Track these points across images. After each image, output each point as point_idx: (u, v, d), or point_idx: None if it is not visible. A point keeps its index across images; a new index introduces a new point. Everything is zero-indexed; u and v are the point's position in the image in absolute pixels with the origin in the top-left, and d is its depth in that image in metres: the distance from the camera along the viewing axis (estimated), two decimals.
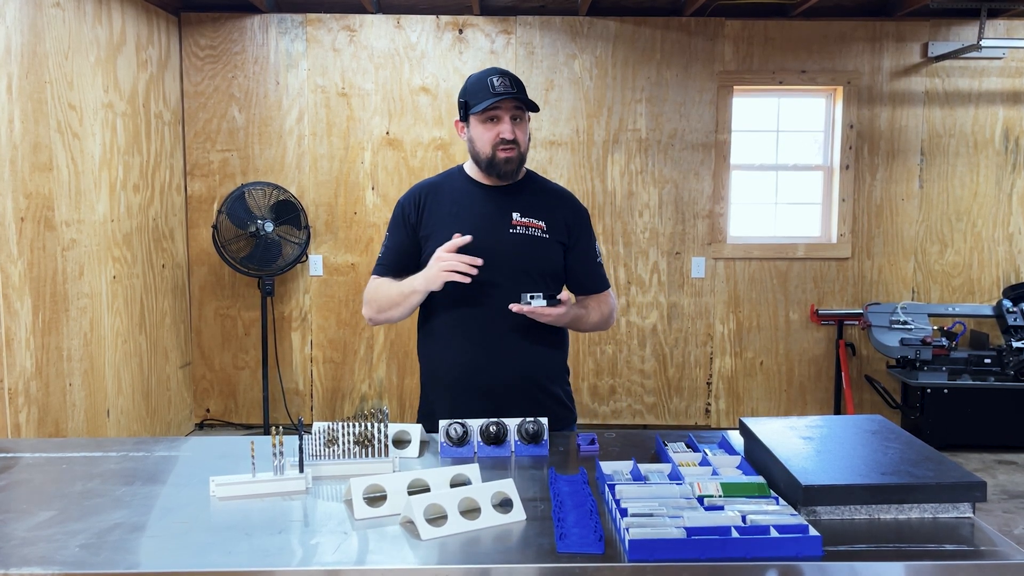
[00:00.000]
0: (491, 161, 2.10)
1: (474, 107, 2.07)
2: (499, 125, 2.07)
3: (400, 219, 2.19)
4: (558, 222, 2.17)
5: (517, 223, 2.13)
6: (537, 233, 2.14)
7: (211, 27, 4.91)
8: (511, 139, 2.07)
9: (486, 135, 2.09)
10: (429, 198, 2.17)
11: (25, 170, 3.31)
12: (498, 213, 2.13)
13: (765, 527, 1.33)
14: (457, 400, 2.12)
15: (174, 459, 1.81)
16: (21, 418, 3.27)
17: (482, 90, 2.06)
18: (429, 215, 2.16)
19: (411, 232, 2.17)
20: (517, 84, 2.08)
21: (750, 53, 4.98)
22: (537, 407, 2.09)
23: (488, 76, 2.07)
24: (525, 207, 2.15)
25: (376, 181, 5.00)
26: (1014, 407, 4.66)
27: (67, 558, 1.29)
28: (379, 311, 2.20)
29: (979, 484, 1.44)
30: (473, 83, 2.10)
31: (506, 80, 2.06)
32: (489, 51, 4.94)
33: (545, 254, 2.14)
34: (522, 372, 2.12)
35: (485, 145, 2.09)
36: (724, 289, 5.12)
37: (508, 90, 2.05)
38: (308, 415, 5.12)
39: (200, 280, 5.06)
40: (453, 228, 2.09)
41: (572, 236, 2.19)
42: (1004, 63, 4.97)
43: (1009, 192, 5.07)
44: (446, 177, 2.24)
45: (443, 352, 2.17)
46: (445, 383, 2.17)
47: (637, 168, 5.03)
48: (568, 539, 1.34)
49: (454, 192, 2.18)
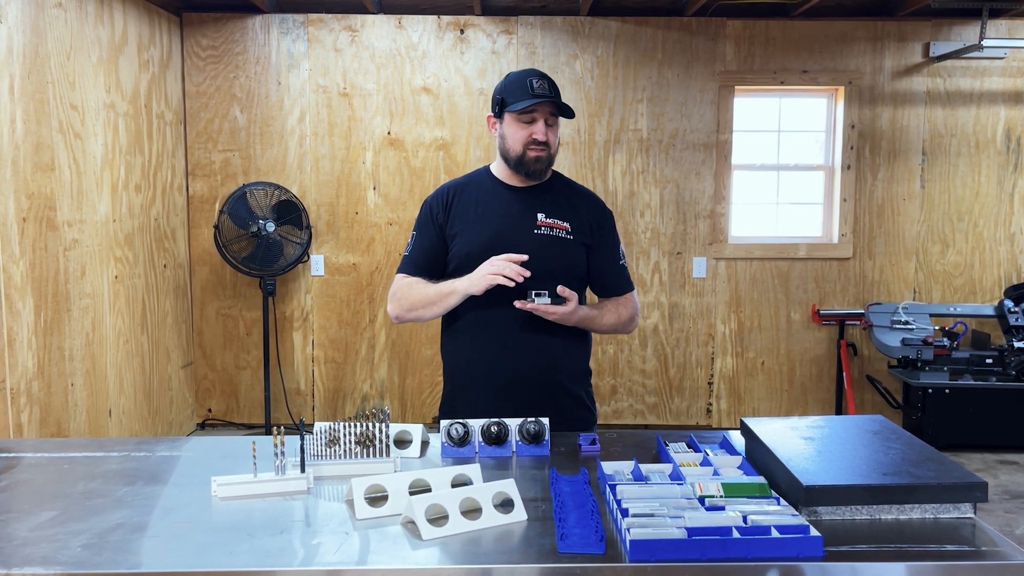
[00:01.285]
0: (521, 159, 2.12)
1: (511, 104, 2.09)
2: (533, 126, 2.10)
3: (428, 219, 2.20)
4: (583, 223, 2.19)
5: (542, 223, 2.15)
6: (562, 234, 2.15)
7: (212, 27, 4.91)
8: (543, 140, 2.10)
9: (519, 133, 2.11)
10: (456, 198, 2.19)
11: (27, 170, 3.31)
12: (524, 213, 2.15)
13: (766, 527, 1.33)
14: (479, 397, 2.12)
15: (176, 459, 1.81)
16: (23, 418, 3.27)
17: (521, 89, 2.08)
18: (456, 215, 2.17)
19: (439, 231, 2.18)
20: (555, 89, 2.12)
21: (751, 53, 4.98)
22: (557, 407, 2.08)
23: (528, 77, 2.10)
24: (550, 208, 2.17)
25: (377, 181, 5.01)
26: (1015, 407, 4.66)
27: (69, 558, 1.30)
28: (409, 309, 2.17)
29: (980, 484, 1.44)
30: (513, 81, 2.12)
31: (545, 84, 2.10)
32: (490, 51, 4.95)
33: (569, 255, 2.16)
34: (542, 371, 2.13)
35: (517, 143, 2.11)
36: (725, 289, 5.12)
37: (547, 93, 2.08)
38: (309, 415, 5.12)
39: (202, 280, 5.07)
40: (479, 228, 2.12)
41: (596, 237, 2.21)
42: (1005, 63, 4.97)
43: (1011, 192, 5.07)
44: (473, 177, 2.25)
45: (466, 350, 2.18)
46: (467, 381, 2.18)
47: (638, 168, 5.03)
48: (569, 539, 1.34)
49: (481, 192, 2.19)
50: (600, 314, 2.18)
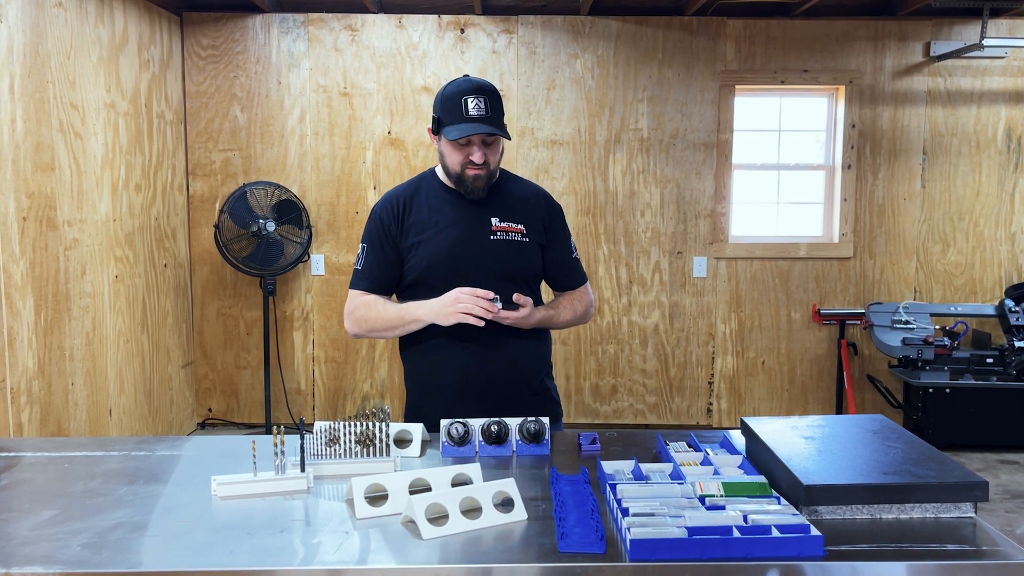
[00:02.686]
0: (460, 178, 2.10)
1: (445, 129, 2.04)
2: (469, 147, 2.06)
3: (379, 231, 2.16)
4: (535, 223, 2.19)
5: (497, 228, 2.14)
6: (517, 237, 2.15)
7: (213, 27, 4.91)
8: (480, 163, 2.06)
9: (455, 155, 2.08)
10: (405, 207, 2.16)
11: (27, 170, 3.31)
12: (477, 220, 2.13)
13: (766, 527, 1.33)
14: (446, 400, 2.11)
15: (176, 458, 1.81)
16: (23, 417, 3.27)
17: (455, 111, 2.03)
18: (409, 225, 2.14)
19: (392, 244, 2.15)
20: (494, 105, 2.04)
21: (752, 52, 4.98)
22: (523, 404, 2.11)
23: (463, 96, 2.03)
24: (503, 211, 2.16)
25: (378, 181, 5.01)
26: (1016, 407, 4.65)
27: (69, 557, 1.30)
28: (370, 330, 2.16)
29: (981, 484, 1.44)
30: (447, 99, 2.05)
31: (480, 102, 2.02)
32: (491, 50, 4.95)
33: (525, 257, 2.16)
34: (505, 371, 2.13)
35: (454, 164, 2.09)
36: (726, 289, 5.12)
37: (482, 115, 2.02)
38: (310, 414, 5.12)
39: (202, 280, 5.07)
40: (436, 238, 2.10)
41: (549, 235, 2.21)
42: (1006, 62, 4.97)
43: (1011, 191, 5.06)
44: (419, 183, 2.21)
45: (429, 356, 2.17)
46: (432, 387, 2.17)
47: (639, 168, 5.02)
48: (569, 539, 1.34)
49: (430, 199, 2.16)
50: (556, 312, 2.20)
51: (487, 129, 2.02)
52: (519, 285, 2.13)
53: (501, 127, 2.06)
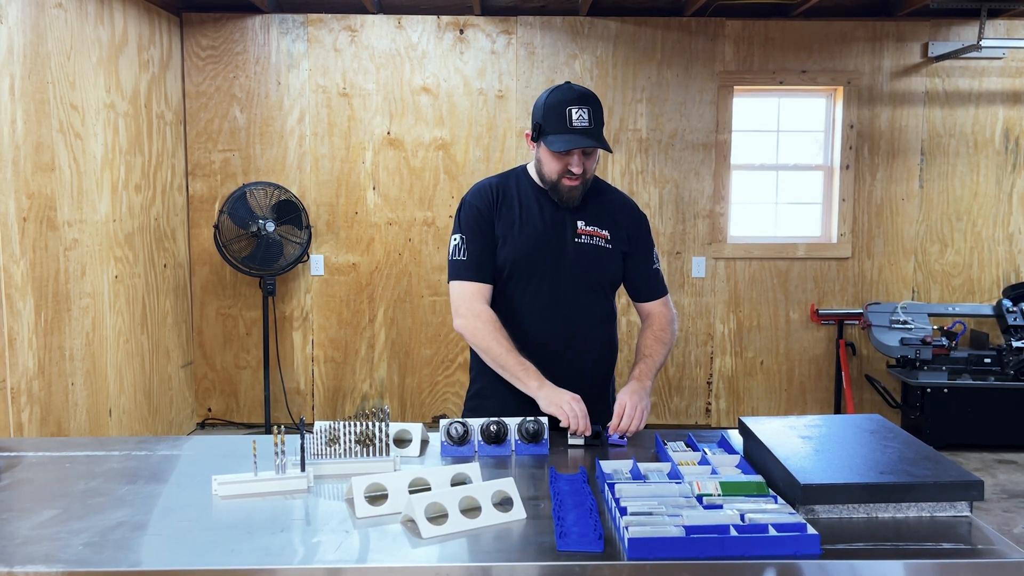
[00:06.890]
0: (555, 187, 2.09)
1: (548, 138, 2.01)
2: (569, 157, 2.04)
3: (477, 218, 2.12)
4: (621, 231, 2.18)
5: (582, 232, 2.14)
6: (601, 243, 2.15)
7: (212, 27, 4.92)
8: (578, 172, 2.05)
9: (554, 164, 2.06)
10: (497, 196, 2.15)
11: (27, 170, 3.31)
12: (564, 221, 2.13)
13: (764, 526, 1.33)
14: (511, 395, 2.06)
15: (176, 458, 1.82)
16: (24, 417, 3.28)
17: (559, 120, 2.00)
18: (502, 215, 2.13)
19: (491, 229, 2.12)
20: (596, 117, 2.02)
21: (750, 53, 4.98)
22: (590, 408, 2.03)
23: (567, 106, 2.00)
24: (590, 215, 2.15)
25: (377, 181, 5.01)
26: (1014, 407, 4.66)
27: (70, 556, 1.30)
28: (475, 343, 2.09)
29: (976, 483, 1.45)
30: (552, 107, 2.02)
31: (584, 113, 1.99)
32: (490, 51, 4.95)
33: (607, 264, 2.16)
34: (575, 375, 2.10)
35: (552, 172, 2.08)
36: (724, 289, 5.13)
37: (586, 127, 1.99)
38: (309, 414, 5.13)
39: (202, 280, 5.07)
40: (521, 235, 2.10)
41: (632, 243, 2.20)
42: (1004, 63, 4.98)
43: (1009, 192, 5.07)
44: (510, 177, 2.20)
45: None
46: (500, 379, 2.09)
47: (638, 168, 5.03)
48: (568, 537, 1.35)
49: (521, 194, 2.16)
50: (654, 359, 2.22)
51: (591, 143, 2.00)
52: (595, 289, 2.13)
53: (603, 139, 2.03)
